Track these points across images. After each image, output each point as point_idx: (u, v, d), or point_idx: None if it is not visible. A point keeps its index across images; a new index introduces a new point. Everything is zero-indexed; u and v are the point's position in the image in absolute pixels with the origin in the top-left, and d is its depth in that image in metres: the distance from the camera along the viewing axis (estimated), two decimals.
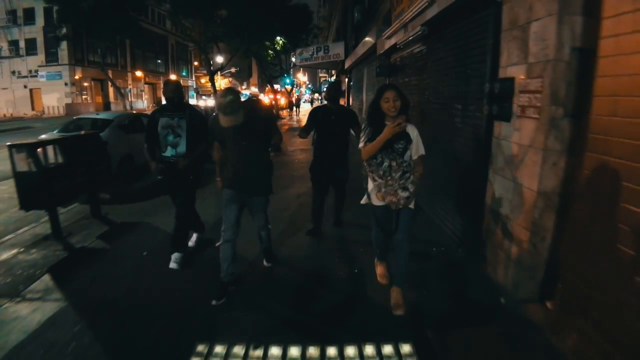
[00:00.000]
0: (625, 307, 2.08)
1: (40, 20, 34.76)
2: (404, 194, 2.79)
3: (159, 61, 48.82)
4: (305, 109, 36.68)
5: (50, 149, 4.70)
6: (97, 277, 3.66)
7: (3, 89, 35.83)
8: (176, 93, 3.83)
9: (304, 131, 4.36)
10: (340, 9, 22.52)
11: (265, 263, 3.84)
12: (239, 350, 2.51)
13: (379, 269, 3.49)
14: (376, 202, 2.95)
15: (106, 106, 38.37)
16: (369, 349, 2.48)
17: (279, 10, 24.11)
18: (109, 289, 3.44)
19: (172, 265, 3.79)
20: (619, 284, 2.14)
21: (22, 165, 4.30)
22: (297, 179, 7.75)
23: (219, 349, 2.54)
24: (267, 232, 3.77)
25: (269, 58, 34.00)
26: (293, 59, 33.57)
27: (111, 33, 29.92)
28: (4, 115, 34.14)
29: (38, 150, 4.41)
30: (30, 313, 3.12)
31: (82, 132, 6.37)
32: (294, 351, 2.50)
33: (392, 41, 6.51)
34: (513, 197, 3.10)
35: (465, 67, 4.05)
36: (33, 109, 35.73)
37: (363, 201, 3.09)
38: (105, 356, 2.55)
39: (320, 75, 44.03)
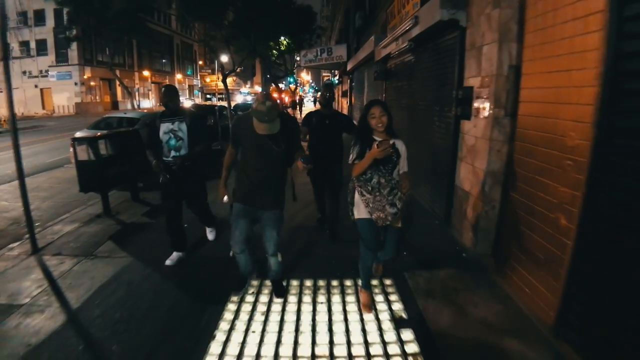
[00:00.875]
0: (539, 247, 3.08)
1: (50, 22, 35.94)
2: (392, 210, 2.81)
3: (164, 61, 49.98)
4: (309, 107, 37.58)
5: (102, 143, 5.72)
6: (151, 242, 4.68)
7: (14, 88, 36.67)
8: (170, 99, 3.95)
9: (302, 133, 4.28)
10: (342, 12, 23.52)
11: (275, 297, 3.36)
12: (268, 282, 3.53)
13: (363, 297, 3.27)
14: (363, 214, 2.92)
15: (114, 105, 39.53)
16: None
17: (284, 12, 25.11)
18: (162, 250, 4.42)
19: (210, 237, 4.77)
20: (535, 231, 3.13)
21: (83, 155, 5.33)
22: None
23: (254, 282, 3.57)
24: (277, 262, 3.37)
25: (273, 58, 35.02)
26: (297, 58, 34.68)
27: (119, 34, 31.13)
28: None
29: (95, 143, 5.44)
30: (105, 265, 4.14)
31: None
32: (308, 282, 3.53)
33: (387, 51, 7.54)
34: (472, 177, 4.10)
35: (441, 76, 5.05)
36: (43, 108, 36.90)
37: (351, 218, 3.05)
38: (176, 289, 3.58)
39: (324, 74, 44.92)
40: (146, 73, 41.85)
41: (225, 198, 3.25)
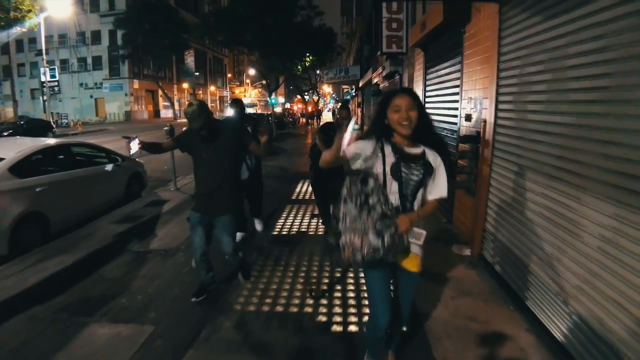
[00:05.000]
0: None
1: (105, 41, 42.84)
2: (375, 242, 1.97)
3: (197, 73, 56.46)
4: (327, 117, 42.88)
5: None
6: None
7: (72, 98, 43.75)
8: (240, 110, 5.17)
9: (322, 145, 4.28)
10: (358, 36, 29.07)
11: (241, 279, 3.99)
12: None
13: None
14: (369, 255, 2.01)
15: (156, 114, 46.01)
16: None
17: (309, 35, 30.84)
18: None
19: (258, 227, 5.73)
20: None
21: None
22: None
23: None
24: (238, 258, 3.85)
25: (298, 73, 40.91)
26: (318, 72, 40.55)
27: (164, 51, 37.71)
28: (72, 120, 41.88)
29: None
30: None
31: None
32: None
33: (376, 79, 12.90)
34: None
35: None
36: (97, 115, 43.50)
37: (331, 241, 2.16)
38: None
39: (343, 87, 50.51)
40: (186, 85, 48.29)
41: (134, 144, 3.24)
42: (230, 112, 5.37)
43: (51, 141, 6.57)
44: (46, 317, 3.59)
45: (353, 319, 3.48)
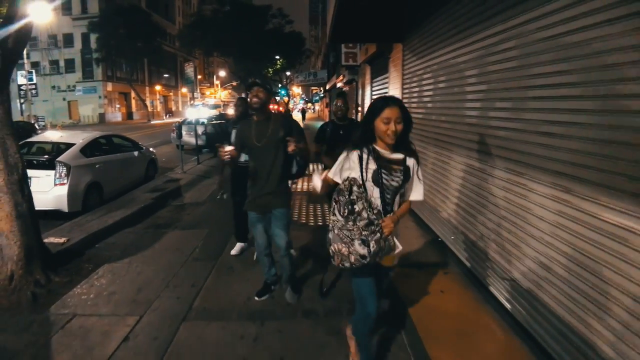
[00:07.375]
0: None
1: (78, 44, 44.04)
2: (362, 250, 2.14)
3: (167, 75, 58.03)
4: (297, 118, 45.46)
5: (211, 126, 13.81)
6: None
7: (44, 101, 44.53)
8: (244, 110, 5.01)
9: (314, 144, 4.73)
10: (325, 44, 32.09)
11: (288, 297, 3.65)
12: None
13: (353, 346, 2.76)
14: (359, 251, 2.17)
15: (129, 115, 47.49)
16: None
17: (279, 39, 33.66)
18: None
19: None
20: None
21: (209, 130, 13.44)
22: None
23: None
24: (290, 259, 3.51)
25: (270, 75, 43.65)
26: (288, 73, 43.36)
27: (137, 54, 39.58)
28: (49, 122, 42.85)
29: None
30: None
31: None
32: None
33: (340, 84, 15.84)
34: None
35: (354, 97, 13.26)
36: (70, 118, 44.58)
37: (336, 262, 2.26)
38: None
39: (312, 88, 53.50)
40: (158, 87, 49.98)
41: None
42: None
43: (99, 133, 9.04)
44: (138, 231, 6.21)
45: None
